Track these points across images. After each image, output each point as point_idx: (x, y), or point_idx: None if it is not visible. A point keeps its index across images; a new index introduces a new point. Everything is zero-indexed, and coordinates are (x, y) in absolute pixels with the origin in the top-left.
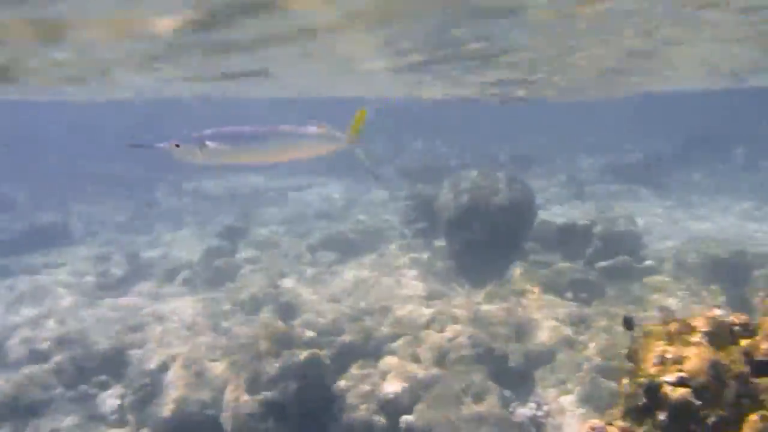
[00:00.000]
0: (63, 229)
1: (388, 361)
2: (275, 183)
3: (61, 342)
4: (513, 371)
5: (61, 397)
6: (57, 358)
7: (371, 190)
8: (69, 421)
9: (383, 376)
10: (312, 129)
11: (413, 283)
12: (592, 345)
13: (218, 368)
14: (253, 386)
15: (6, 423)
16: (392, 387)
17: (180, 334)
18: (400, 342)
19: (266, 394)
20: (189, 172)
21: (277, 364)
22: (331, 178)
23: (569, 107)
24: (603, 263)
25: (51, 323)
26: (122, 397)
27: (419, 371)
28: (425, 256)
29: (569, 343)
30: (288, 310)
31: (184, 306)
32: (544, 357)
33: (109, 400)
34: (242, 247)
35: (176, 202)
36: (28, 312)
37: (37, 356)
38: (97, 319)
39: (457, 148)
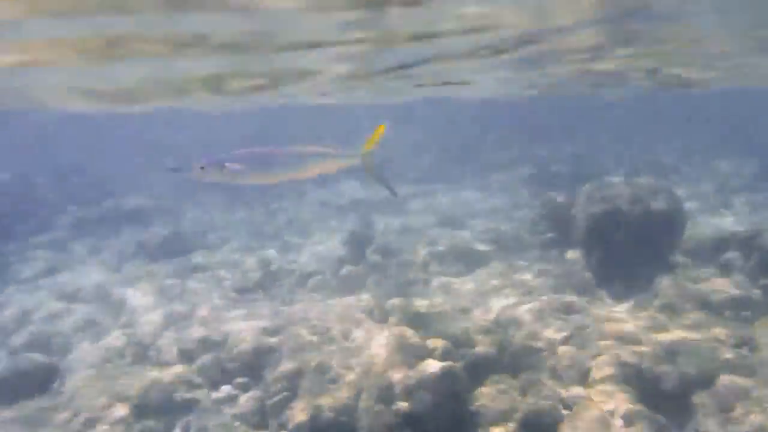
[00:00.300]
0: (201, 235)
1: (526, 376)
2: (401, 191)
3: (205, 343)
4: (666, 395)
5: (206, 396)
6: (202, 359)
7: (495, 197)
8: (214, 420)
9: (522, 392)
10: (320, 148)
11: (548, 296)
12: (761, 370)
13: (352, 375)
14: (387, 396)
15: (162, 419)
16: (533, 405)
17: (313, 340)
18: (537, 357)
19: (400, 405)
20: (314, 181)
21: (411, 375)
22: (455, 185)
23: (698, 101)
24: None
25: (195, 325)
26: (261, 399)
27: (560, 389)
28: (559, 267)
29: (732, 367)
30: (417, 320)
31: (316, 312)
32: (702, 381)
33: (250, 401)
34: (368, 254)
35: (303, 211)
36: (175, 314)
37: (185, 357)
38: (236, 323)
39: (589, 151)
